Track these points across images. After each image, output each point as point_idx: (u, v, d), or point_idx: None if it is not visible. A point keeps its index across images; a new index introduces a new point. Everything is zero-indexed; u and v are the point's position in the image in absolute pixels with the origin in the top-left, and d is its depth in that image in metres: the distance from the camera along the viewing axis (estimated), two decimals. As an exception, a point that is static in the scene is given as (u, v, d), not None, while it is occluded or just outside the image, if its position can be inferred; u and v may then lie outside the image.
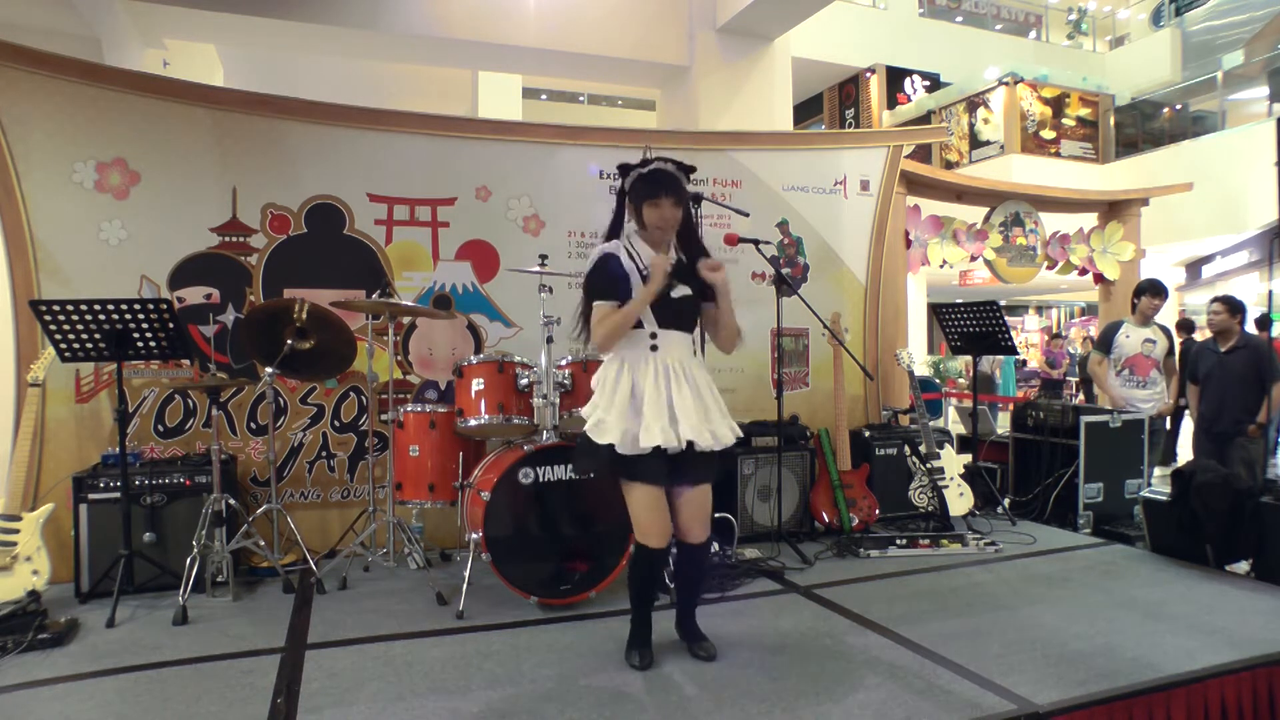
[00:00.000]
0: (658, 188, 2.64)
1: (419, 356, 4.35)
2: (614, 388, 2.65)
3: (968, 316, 4.86)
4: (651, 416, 2.57)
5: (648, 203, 2.65)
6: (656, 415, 2.58)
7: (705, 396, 2.68)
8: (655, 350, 2.66)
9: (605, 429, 2.60)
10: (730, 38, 8.04)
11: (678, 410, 2.60)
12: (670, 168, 2.69)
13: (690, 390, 2.64)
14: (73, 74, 3.73)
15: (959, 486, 4.51)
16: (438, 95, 12.42)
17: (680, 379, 2.64)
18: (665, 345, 2.67)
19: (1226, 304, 5.13)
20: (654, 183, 2.65)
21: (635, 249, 2.71)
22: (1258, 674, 2.68)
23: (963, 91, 14.10)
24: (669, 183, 2.65)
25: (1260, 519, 3.63)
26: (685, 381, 2.65)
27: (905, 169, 5.30)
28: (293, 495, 4.12)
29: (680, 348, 2.70)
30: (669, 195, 2.64)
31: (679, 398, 2.61)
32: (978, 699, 2.43)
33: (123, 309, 3.22)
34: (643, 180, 2.67)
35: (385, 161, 4.25)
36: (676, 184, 2.67)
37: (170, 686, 2.60)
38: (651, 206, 2.65)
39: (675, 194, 2.65)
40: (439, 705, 2.44)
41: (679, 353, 2.69)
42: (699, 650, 2.79)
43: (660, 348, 2.66)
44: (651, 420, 2.57)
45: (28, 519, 3.30)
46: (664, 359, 2.66)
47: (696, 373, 2.71)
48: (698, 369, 2.73)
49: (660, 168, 2.68)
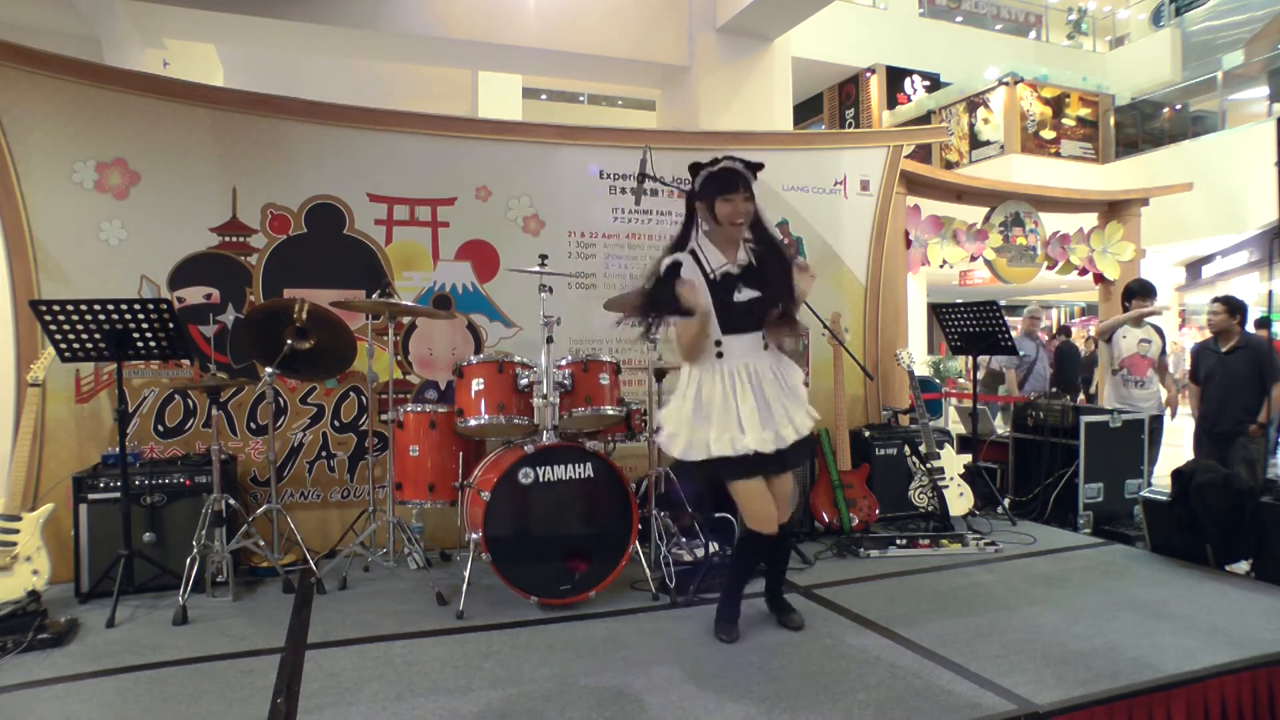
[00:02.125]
0: (731, 182, 2.74)
1: (419, 356, 4.35)
2: (681, 397, 2.81)
3: (968, 316, 4.86)
4: (720, 427, 2.71)
5: (720, 198, 2.73)
6: (725, 426, 2.71)
7: (770, 396, 2.75)
8: (721, 358, 2.76)
9: (674, 440, 2.78)
10: (730, 38, 8.03)
11: (744, 420, 2.71)
12: (739, 165, 2.78)
13: (754, 394, 2.74)
14: (73, 74, 3.73)
15: (959, 486, 4.51)
16: (438, 95, 12.41)
17: (745, 385, 2.74)
18: (730, 351, 2.76)
19: (1226, 304, 5.13)
20: (726, 178, 2.75)
21: (704, 253, 2.79)
22: (1258, 674, 2.68)
23: (963, 91, 14.11)
24: (740, 178, 2.75)
25: (1260, 519, 3.63)
26: (750, 387, 2.74)
27: (905, 169, 5.30)
28: (293, 495, 4.12)
29: (748, 350, 2.78)
30: (742, 190, 2.73)
31: (744, 405, 2.72)
32: (978, 699, 2.43)
33: (123, 309, 3.22)
34: (713, 178, 2.76)
35: (385, 161, 4.25)
36: (747, 180, 2.77)
37: (170, 686, 2.59)
38: (724, 201, 2.73)
39: (747, 189, 2.75)
40: (439, 705, 2.44)
41: (746, 355, 2.77)
42: (788, 621, 3.01)
43: (726, 354, 2.76)
44: (720, 430, 2.71)
45: (28, 519, 3.29)
46: (729, 365, 2.75)
47: (764, 372, 2.78)
48: (768, 367, 2.80)
49: (730, 165, 2.77)
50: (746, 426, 2.70)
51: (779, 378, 2.81)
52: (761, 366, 2.78)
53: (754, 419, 2.71)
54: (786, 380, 2.84)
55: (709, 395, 2.75)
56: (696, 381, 2.79)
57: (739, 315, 2.76)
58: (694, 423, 2.76)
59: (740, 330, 2.77)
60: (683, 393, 2.82)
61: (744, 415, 2.71)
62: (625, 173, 4.56)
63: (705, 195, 2.78)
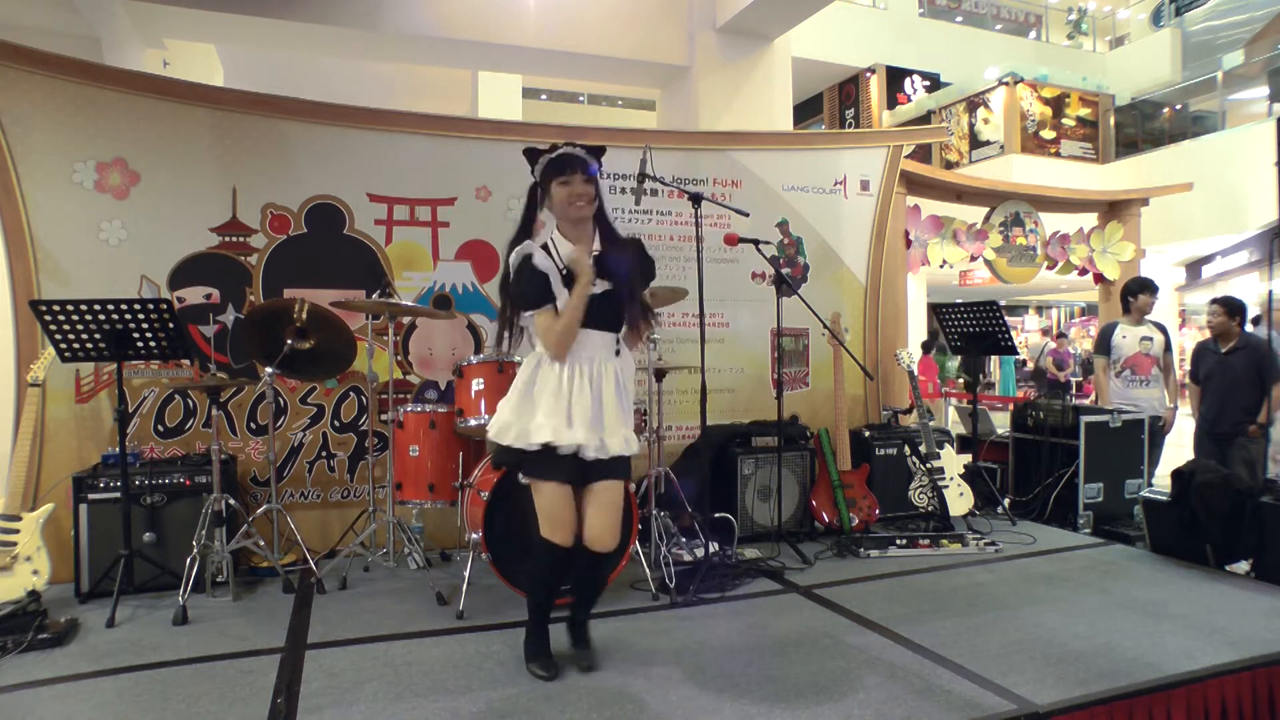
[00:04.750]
0: (566, 164, 2.61)
1: (419, 356, 4.35)
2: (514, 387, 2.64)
3: (968, 316, 4.86)
4: (546, 414, 2.53)
5: (556, 181, 2.61)
6: (551, 415, 2.53)
7: (607, 403, 2.59)
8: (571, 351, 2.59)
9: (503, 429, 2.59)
10: (730, 38, 8.03)
11: (573, 415, 2.54)
12: (578, 149, 2.66)
13: (591, 395, 2.57)
14: (73, 74, 3.73)
15: (959, 486, 4.51)
16: (438, 95, 12.41)
17: (584, 382, 2.57)
18: (580, 345, 2.59)
19: (1225, 305, 5.13)
20: (561, 161, 2.62)
21: (555, 244, 2.64)
22: (1258, 674, 2.68)
23: (963, 91, 14.11)
24: (577, 160, 2.62)
25: (1260, 519, 3.63)
26: (589, 386, 2.58)
27: (905, 169, 5.30)
28: (293, 495, 4.12)
29: (597, 348, 2.61)
30: (580, 172, 2.60)
31: (577, 402, 2.55)
32: (978, 699, 2.43)
33: (123, 309, 3.21)
34: (550, 162, 2.64)
35: (385, 161, 4.25)
36: (585, 162, 2.63)
37: (170, 686, 2.59)
38: (561, 184, 2.60)
39: (585, 171, 2.61)
40: (439, 705, 2.44)
41: (595, 353, 2.61)
42: (580, 658, 2.72)
43: (575, 348, 2.58)
44: (546, 418, 2.53)
45: (28, 519, 3.30)
46: (573, 359, 2.58)
47: (607, 377, 2.61)
48: (613, 372, 2.63)
49: (567, 149, 2.65)
50: (575, 422, 2.54)
51: (621, 387, 2.64)
52: (607, 370, 2.61)
53: (584, 418, 2.54)
54: (625, 390, 2.68)
55: (542, 383, 2.58)
56: (532, 368, 2.62)
57: (592, 311, 2.57)
58: (519, 409, 2.59)
59: (593, 326, 2.59)
60: (517, 382, 2.65)
61: (575, 412, 2.54)
62: (625, 173, 4.56)
63: (543, 179, 2.66)
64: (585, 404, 2.56)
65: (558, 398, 2.55)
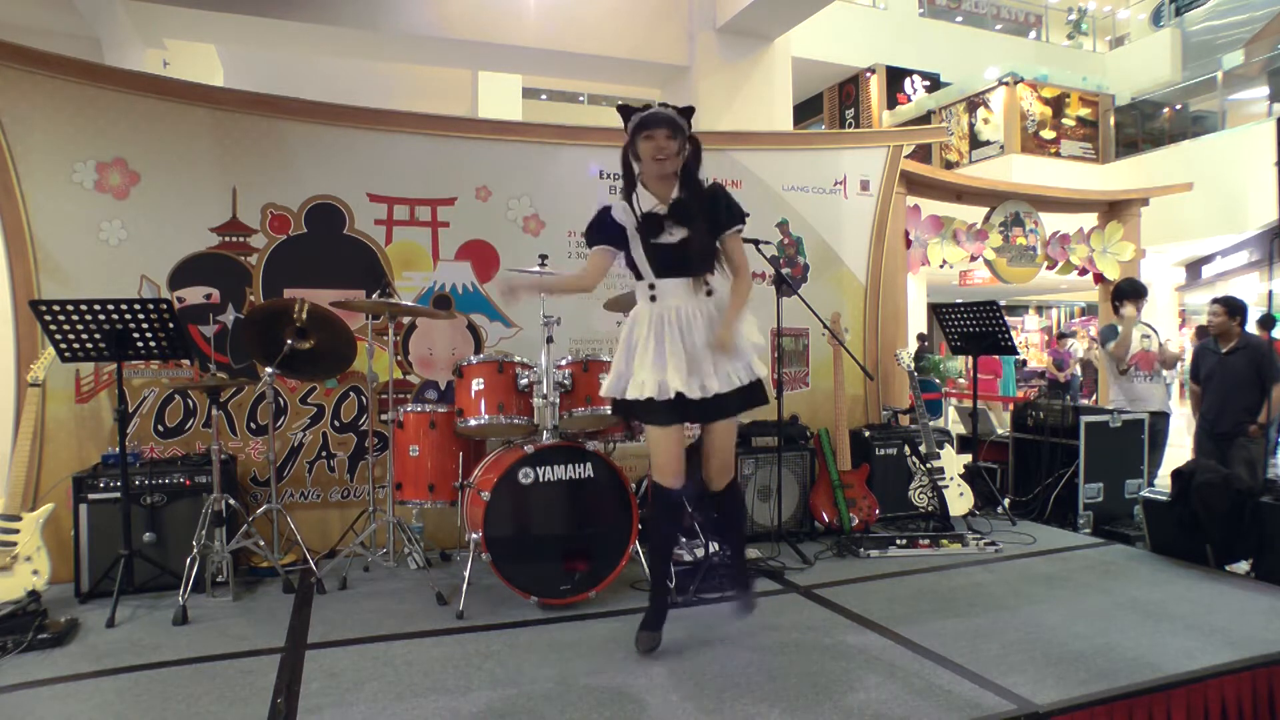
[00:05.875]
0: (652, 120, 2.75)
1: (419, 356, 4.35)
2: (619, 342, 2.85)
3: (968, 316, 4.86)
4: (645, 368, 2.70)
5: (642, 135, 2.75)
6: (649, 367, 2.70)
7: (700, 344, 2.72)
8: (654, 301, 2.78)
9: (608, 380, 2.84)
10: (730, 38, 8.04)
11: (669, 363, 2.69)
12: (667, 110, 2.79)
13: (683, 340, 2.71)
14: (73, 74, 3.73)
15: (959, 486, 4.51)
16: (438, 95, 12.41)
17: (675, 330, 2.72)
18: (663, 294, 2.76)
19: (1225, 305, 5.13)
20: (649, 118, 2.76)
21: (637, 197, 2.81)
22: (1258, 674, 2.68)
23: (963, 91, 14.10)
24: (663, 117, 2.76)
25: (1260, 519, 3.63)
26: (680, 334, 2.72)
27: (905, 169, 5.30)
28: (293, 495, 4.12)
29: (684, 295, 2.76)
30: (665, 127, 2.73)
31: (671, 348, 2.70)
32: (978, 699, 2.43)
33: (123, 309, 3.21)
34: (639, 119, 2.78)
35: (385, 161, 4.24)
36: (670, 119, 2.76)
37: (170, 686, 2.59)
38: (646, 139, 2.75)
39: (668, 126, 2.74)
40: (439, 705, 2.44)
41: (682, 301, 2.76)
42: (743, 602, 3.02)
43: (659, 297, 2.77)
44: (646, 371, 2.70)
45: (28, 519, 3.30)
46: (659, 308, 2.76)
47: (698, 322, 2.74)
48: (701, 314, 2.76)
49: (655, 109, 2.79)
50: (670, 369, 2.68)
51: (712, 326, 2.76)
52: (696, 314, 2.75)
53: (679, 364, 2.68)
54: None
55: (637, 335, 2.77)
56: (629, 325, 2.83)
57: (670, 259, 2.75)
58: (623, 360, 2.79)
59: (673, 274, 2.76)
60: (621, 336, 2.86)
61: (669, 359, 2.69)
62: (625, 173, 4.56)
63: (632, 136, 2.80)
64: (679, 351, 2.70)
65: (650, 347, 2.72)
